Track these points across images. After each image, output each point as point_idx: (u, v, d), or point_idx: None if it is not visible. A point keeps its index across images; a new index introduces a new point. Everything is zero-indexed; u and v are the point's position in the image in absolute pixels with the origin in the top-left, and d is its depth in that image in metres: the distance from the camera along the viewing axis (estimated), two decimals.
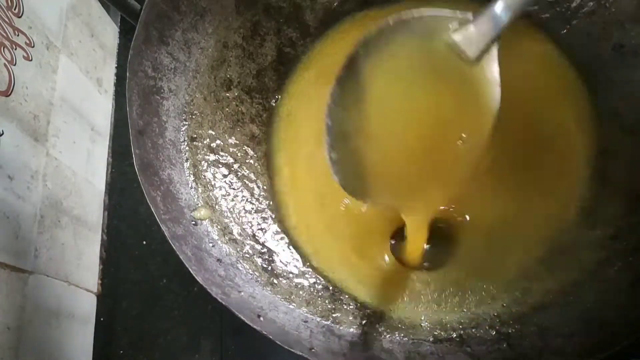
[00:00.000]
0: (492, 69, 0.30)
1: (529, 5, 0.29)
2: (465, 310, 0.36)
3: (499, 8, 0.28)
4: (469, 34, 0.29)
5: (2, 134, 0.34)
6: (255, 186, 0.40)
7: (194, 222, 0.37)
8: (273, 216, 0.40)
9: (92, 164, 0.47)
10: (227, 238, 0.38)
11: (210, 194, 0.39)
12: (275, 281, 0.37)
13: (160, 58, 0.37)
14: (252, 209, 0.40)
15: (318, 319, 0.36)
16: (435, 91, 0.31)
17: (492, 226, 0.38)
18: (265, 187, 0.41)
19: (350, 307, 0.37)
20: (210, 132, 0.40)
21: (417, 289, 0.38)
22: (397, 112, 0.32)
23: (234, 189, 0.40)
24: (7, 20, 0.36)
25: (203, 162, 0.39)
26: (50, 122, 0.41)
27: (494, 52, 0.29)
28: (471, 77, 0.30)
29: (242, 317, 0.30)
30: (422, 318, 0.36)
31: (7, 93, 0.35)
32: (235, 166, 0.40)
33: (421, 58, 0.31)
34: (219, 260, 0.36)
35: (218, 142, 0.40)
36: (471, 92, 0.30)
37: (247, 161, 0.41)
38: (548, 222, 0.37)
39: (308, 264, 0.39)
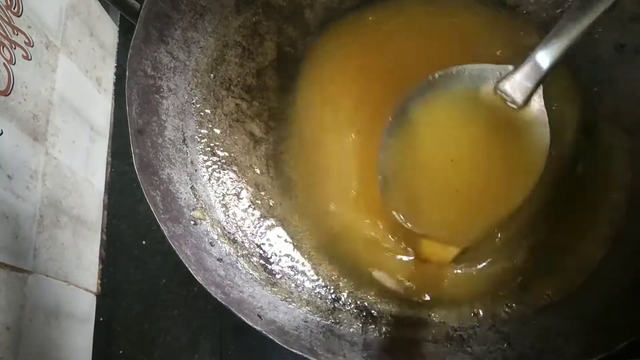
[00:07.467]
0: (540, 110, 0.32)
1: (568, 49, 0.30)
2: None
3: (539, 56, 0.31)
4: (514, 81, 0.32)
5: (2, 133, 0.34)
6: (255, 185, 0.40)
7: (193, 222, 0.37)
8: (273, 216, 0.40)
9: (92, 163, 0.47)
10: (226, 238, 0.38)
11: (210, 193, 0.39)
12: (275, 281, 0.37)
13: (159, 57, 0.37)
14: (252, 208, 0.40)
15: (318, 319, 0.36)
16: (484, 136, 0.34)
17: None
18: (265, 187, 0.41)
19: (350, 307, 0.37)
20: (210, 131, 0.40)
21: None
22: (447, 155, 0.34)
23: (234, 188, 0.40)
24: (6, 19, 0.36)
25: (203, 162, 0.39)
26: (50, 121, 0.40)
27: (540, 95, 0.32)
28: (519, 121, 0.33)
29: (242, 317, 0.30)
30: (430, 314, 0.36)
31: (6, 92, 0.35)
32: (235, 165, 0.40)
33: (469, 106, 0.34)
34: (218, 259, 0.36)
35: (218, 141, 0.40)
36: (520, 135, 0.33)
37: (247, 160, 0.41)
38: (549, 222, 0.37)
39: (309, 263, 0.39)
